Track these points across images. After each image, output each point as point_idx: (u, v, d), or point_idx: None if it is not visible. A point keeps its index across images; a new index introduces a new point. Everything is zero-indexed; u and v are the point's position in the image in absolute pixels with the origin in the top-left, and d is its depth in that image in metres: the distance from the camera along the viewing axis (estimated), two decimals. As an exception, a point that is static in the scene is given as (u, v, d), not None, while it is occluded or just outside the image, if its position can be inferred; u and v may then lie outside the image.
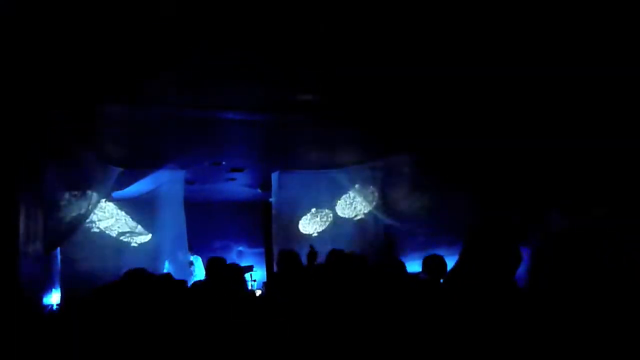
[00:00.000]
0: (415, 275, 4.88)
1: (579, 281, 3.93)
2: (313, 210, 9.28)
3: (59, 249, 7.10)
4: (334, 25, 3.90)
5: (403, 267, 4.42)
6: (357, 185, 9.12)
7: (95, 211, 7.63)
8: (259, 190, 9.98)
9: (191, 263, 8.68)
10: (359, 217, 9.40)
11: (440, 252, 6.56)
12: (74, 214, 6.59)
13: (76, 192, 6.61)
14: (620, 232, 4.52)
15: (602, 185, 4.78)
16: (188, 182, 8.68)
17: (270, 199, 9.39)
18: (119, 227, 8.31)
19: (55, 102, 4.75)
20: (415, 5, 3.67)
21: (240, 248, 11.41)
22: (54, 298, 6.93)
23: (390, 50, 4.37)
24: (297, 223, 9.16)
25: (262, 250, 11.33)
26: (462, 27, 3.98)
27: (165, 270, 7.81)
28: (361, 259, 4.93)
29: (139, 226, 8.45)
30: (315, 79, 5.04)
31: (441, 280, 4.48)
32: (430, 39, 4.17)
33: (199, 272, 8.62)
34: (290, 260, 4.80)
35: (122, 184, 7.94)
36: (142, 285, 3.06)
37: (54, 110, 4.84)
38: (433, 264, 4.67)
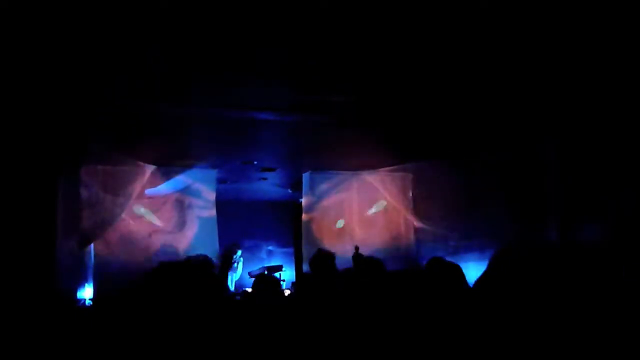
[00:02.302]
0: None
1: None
2: (345, 208, 9.25)
3: (92, 245, 7.23)
4: (367, 28, 3.87)
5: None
6: (388, 187, 9.07)
7: (128, 208, 7.74)
8: (290, 190, 10.01)
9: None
10: (388, 219, 9.34)
11: (471, 258, 6.49)
12: (107, 212, 6.70)
13: (110, 190, 6.72)
14: None
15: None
16: (220, 181, 8.76)
17: (301, 199, 9.41)
18: (150, 225, 8.40)
19: (93, 102, 4.84)
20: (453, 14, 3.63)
21: (270, 247, 11.46)
22: (86, 292, 7.06)
23: (423, 54, 4.33)
24: (327, 224, 9.15)
25: (291, 250, 11.36)
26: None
27: None
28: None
29: (171, 224, 8.54)
30: (348, 81, 5.03)
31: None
32: (467, 43, 4.12)
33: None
34: (325, 262, 4.79)
35: (154, 181, 8.05)
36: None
37: (93, 110, 4.94)
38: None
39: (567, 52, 4.17)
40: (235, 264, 8.87)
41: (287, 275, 9.98)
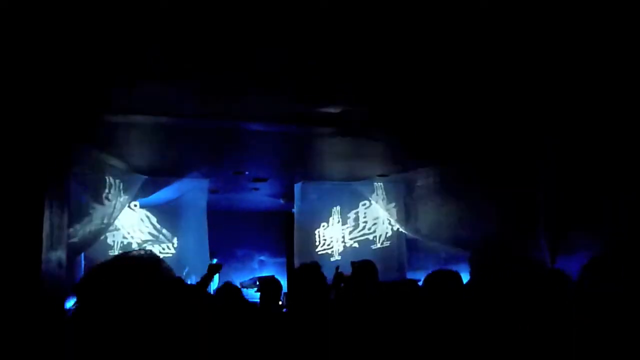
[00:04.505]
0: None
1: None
2: (336, 218, 9.24)
3: (82, 255, 7.17)
4: (362, 39, 3.86)
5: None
6: (379, 198, 9.07)
7: (119, 218, 7.69)
8: (282, 201, 9.99)
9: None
10: (380, 230, 9.34)
11: (461, 269, 6.44)
12: (97, 222, 6.65)
13: (100, 200, 6.67)
14: None
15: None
16: (211, 191, 8.74)
17: (293, 209, 9.40)
18: (142, 235, 8.37)
19: (86, 108, 4.79)
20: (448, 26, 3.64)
21: (262, 257, 11.44)
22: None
23: (422, 55, 4.30)
24: (318, 234, 9.13)
25: (283, 260, 11.34)
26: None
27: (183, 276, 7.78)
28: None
29: (162, 234, 8.51)
30: (341, 92, 5.01)
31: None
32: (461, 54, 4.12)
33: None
34: (311, 274, 4.74)
35: (146, 191, 8.02)
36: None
37: (84, 117, 4.89)
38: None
39: (566, 53, 4.16)
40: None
41: (278, 285, 9.93)
